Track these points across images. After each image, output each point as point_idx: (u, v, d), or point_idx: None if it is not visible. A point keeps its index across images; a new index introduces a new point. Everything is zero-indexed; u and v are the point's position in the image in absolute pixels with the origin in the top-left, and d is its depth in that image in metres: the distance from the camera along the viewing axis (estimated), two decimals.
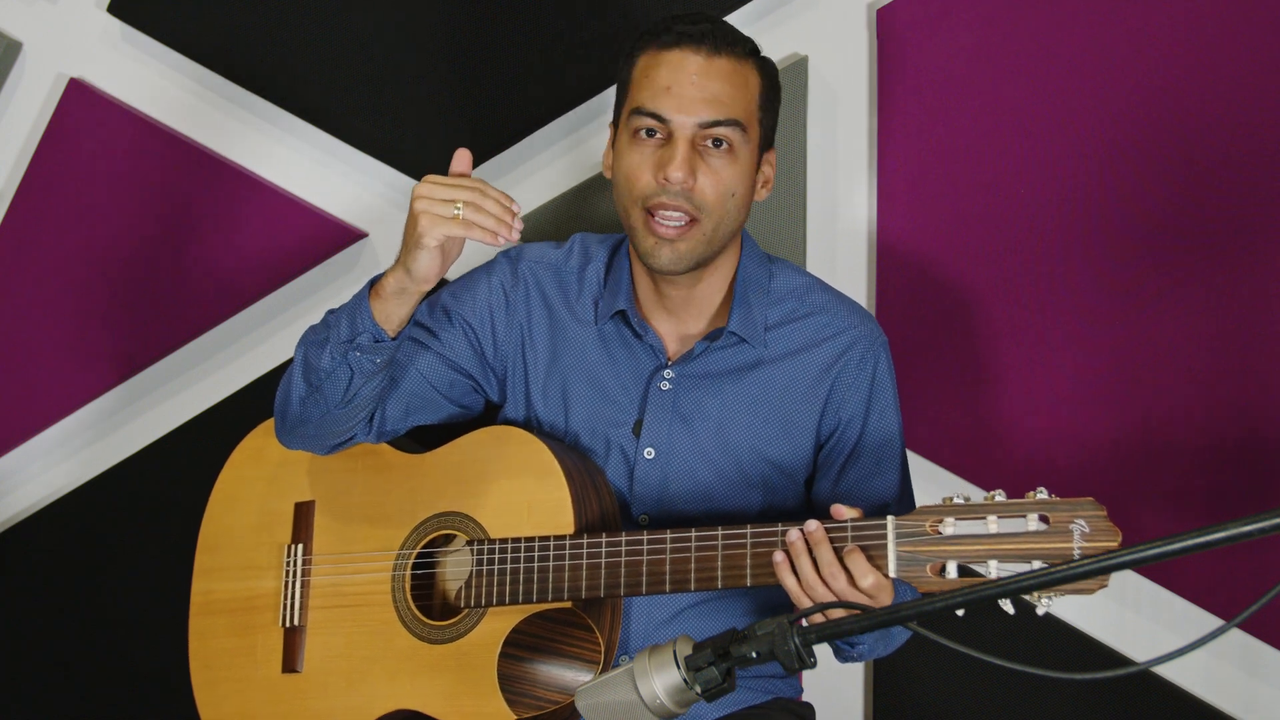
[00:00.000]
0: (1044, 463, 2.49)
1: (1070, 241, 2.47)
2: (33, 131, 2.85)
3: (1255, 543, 1.39)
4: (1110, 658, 2.52)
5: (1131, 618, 2.53)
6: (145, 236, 2.81)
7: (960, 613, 1.51)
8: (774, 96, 2.19)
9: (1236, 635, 2.46)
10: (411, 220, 2.01)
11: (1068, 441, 2.48)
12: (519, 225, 2.00)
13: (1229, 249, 2.40)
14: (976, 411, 2.53)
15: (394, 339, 2.10)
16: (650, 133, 2.10)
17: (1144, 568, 2.44)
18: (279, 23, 2.70)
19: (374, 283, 2.10)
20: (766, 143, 2.19)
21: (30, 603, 2.97)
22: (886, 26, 2.53)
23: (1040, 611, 1.77)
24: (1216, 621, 2.43)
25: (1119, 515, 1.82)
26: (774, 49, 2.57)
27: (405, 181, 2.74)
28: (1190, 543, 1.35)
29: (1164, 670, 2.49)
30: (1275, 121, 2.37)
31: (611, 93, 2.22)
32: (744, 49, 2.13)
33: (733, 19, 2.56)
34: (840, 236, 2.60)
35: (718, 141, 2.09)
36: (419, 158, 2.70)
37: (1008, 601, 1.76)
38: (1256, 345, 2.40)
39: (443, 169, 2.68)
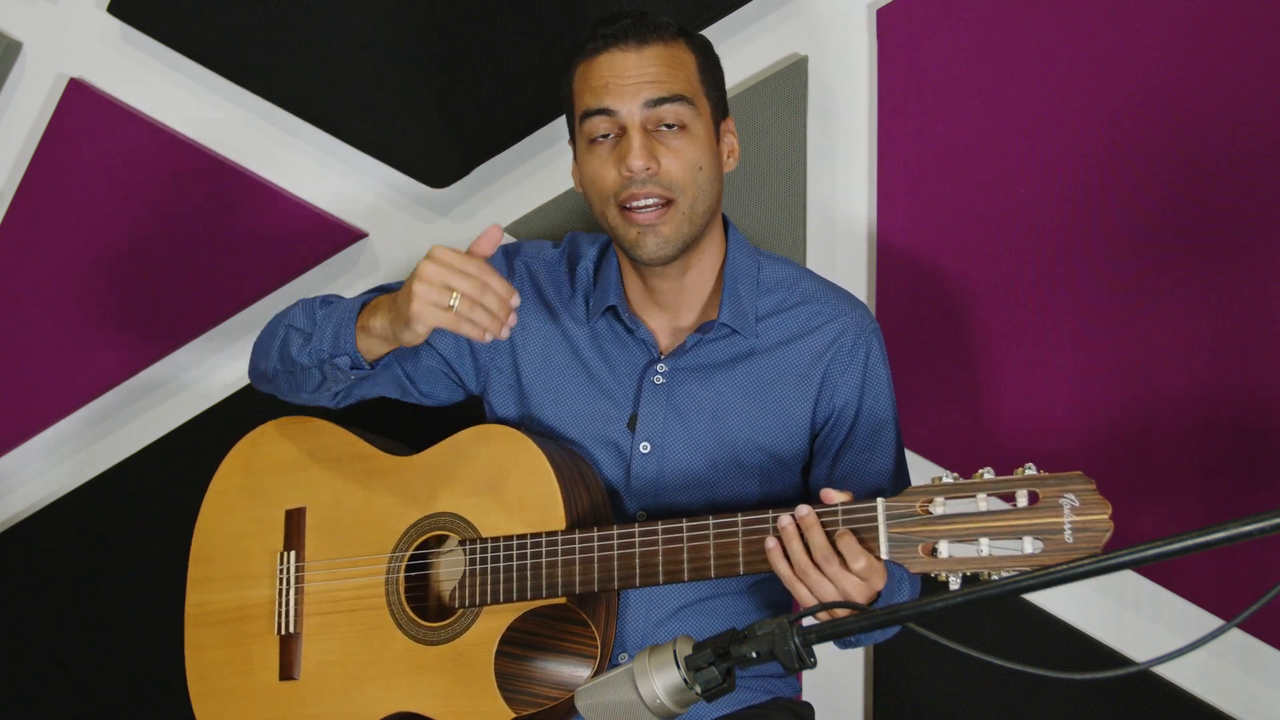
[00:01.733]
0: (1044, 462, 2.48)
1: (1070, 241, 2.47)
2: (33, 131, 2.85)
3: (1255, 543, 1.39)
4: (1110, 658, 2.52)
5: (1131, 618, 2.53)
6: (145, 236, 2.81)
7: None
8: (713, 69, 2.21)
9: (1236, 635, 2.46)
10: (407, 295, 1.98)
11: (1068, 441, 2.48)
12: (513, 321, 1.99)
13: (1229, 249, 2.40)
14: (976, 411, 2.53)
15: (371, 367, 2.14)
16: (604, 136, 2.13)
17: (1144, 568, 2.44)
18: (279, 23, 2.70)
19: (366, 303, 2.12)
20: (720, 113, 2.21)
21: (30, 603, 2.97)
22: (886, 26, 2.53)
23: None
24: (1216, 621, 2.43)
25: (1119, 515, 1.82)
26: (774, 49, 2.58)
27: (405, 181, 2.74)
28: (1190, 543, 1.35)
29: (1164, 670, 2.49)
30: (1275, 121, 2.37)
31: None
32: (670, 32, 2.16)
33: (733, 19, 2.57)
34: (840, 236, 2.60)
35: (669, 124, 2.11)
36: (419, 158, 2.70)
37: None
38: (1256, 345, 2.40)
39: (443, 169, 2.70)
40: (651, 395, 2.22)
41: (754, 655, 1.58)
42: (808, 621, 1.60)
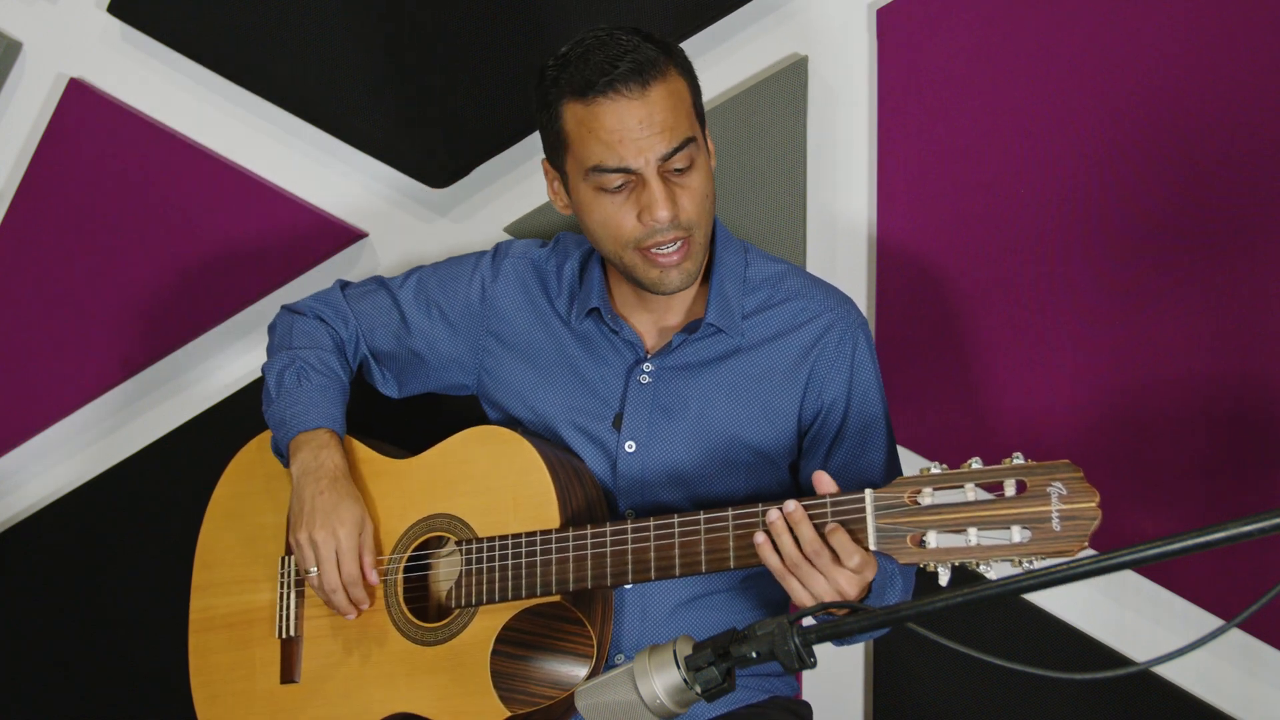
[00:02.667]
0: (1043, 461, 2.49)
1: (1070, 241, 2.47)
2: (33, 131, 2.85)
3: (1255, 543, 1.39)
4: (1110, 658, 2.52)
5: (1131, 618, 2.53)
6: (145, 236, 2.81)
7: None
8: (695, 82, 2.19)
9: (1236, 635, 2.46)
10: (308, 515, 2.19)
11: (1067, 441, 2.48)
12: (352, 615, 2.20)
13: (1229, 249, 2.40)
14: (976, 411, 2.53)
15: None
16: (619, 186, 2.11)
17: (1144, 568, 2.44)
18: (279, 23, 2.70)
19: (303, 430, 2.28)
20: (704, 125, 2.20)
21: (30, 603, 2.97)
22: (886, 26, 2.53)
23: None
24: (1216, 621, 2.43)
25: (1119, 514, 1.82)
26: (774, 49, 2.58)
27: (405, 181, 2.74)
28: (1190, 543, 1.35)
29: (1164, 670, 2.49)
30: (1275, 121, 2.37)
31: None
32: (662, 63, 2.10)
33: (733, 19, 2.56)
34: (840, 236, 2.60)
35: (680, 169, 2.10)
36: (419, 158, 2.70)
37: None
38: (1257, 345, 2.40)
39: (443, 169, 2.70)
40: (637, 394, 2.22)
41: (754, 655, 1.58)
42: (808, 621, 1.60)
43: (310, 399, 2.28)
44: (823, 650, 1.82)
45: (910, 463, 2.48)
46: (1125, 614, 2.54)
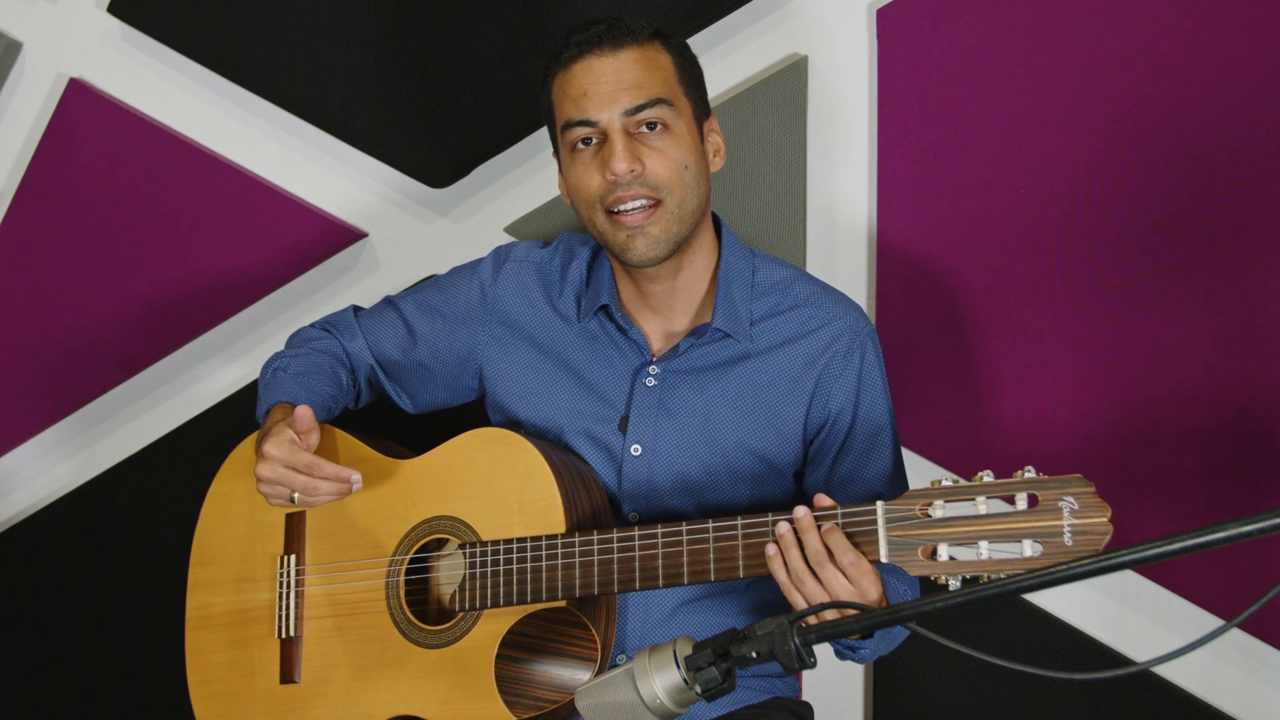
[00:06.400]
0: (1044, 462, 2.48)
1: (1070, 241, 2.47)
2: (33, 131, 2.85)
3: (1255, 543, 1.39)
4: (1110, 658, 2.52)
5: (1131, 618, 2.54)
6: (145, 236, 2.81)
7: None
8: (691, 69, 2.20)
9: (1236, 635, 2.47)
10: (258, 482, 2.13)
11: (1067, 441, 2.48)
12: (358, 483, 2.12)
13: (1229, 248, 2.40)
14: (976, 411, 2.53)
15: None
16: (586, 141, 2.13)
17: (1144, 568, 2.44)
18: (278, 22, 2.70)
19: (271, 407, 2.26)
20: (703, 113, 2.20)
21: (30, 603, 2.97)
22: (886, 26, 2.53)
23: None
24: (1216, 621, 2.43)
25: (1119, 515, 1.82)
26: (774, 49, 2.58)
27: (405, 181, 2.74)
28: (1190, 543, 1.35)
29: (1164, 670, 2.49)
30: (1275, 121, 2.37)
31: None
32: (644, 35, 2.15)
33: (733, 19, 2.57)
34: (840, 236, 2.60)
35: (651, 125, 2.11)
36: (419, 158, 2.70)
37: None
38: (1256, 345, 2.40)
39: (443, 169, 2.70)
40: (643, 398, 2.22)
41: (754, 655, 1.58)
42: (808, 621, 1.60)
43: (280, 387, 2.27)
44: (823, 650, 1.82)
45: (911, 463, 2.48)
46: (1125, 614, 2.54)
